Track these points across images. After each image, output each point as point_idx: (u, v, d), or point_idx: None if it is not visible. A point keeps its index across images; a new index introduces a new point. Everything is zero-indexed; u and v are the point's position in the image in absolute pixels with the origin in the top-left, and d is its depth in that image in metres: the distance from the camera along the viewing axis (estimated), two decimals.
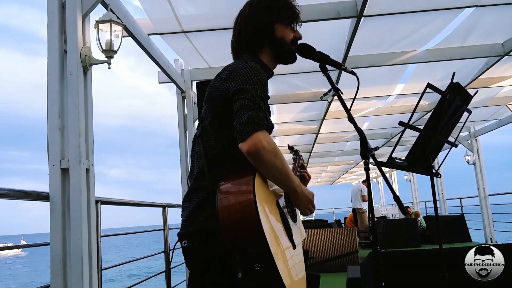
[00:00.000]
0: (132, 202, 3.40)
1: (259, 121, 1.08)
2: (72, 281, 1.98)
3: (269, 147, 1.06)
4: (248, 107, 1.09)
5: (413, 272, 2.47)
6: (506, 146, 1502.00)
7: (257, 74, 1.17)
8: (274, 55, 1.36)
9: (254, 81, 1.15)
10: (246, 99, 1.11)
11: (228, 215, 1.02)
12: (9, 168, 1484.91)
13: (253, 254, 1.00)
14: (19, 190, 1.83)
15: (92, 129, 2.21)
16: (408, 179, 12.97)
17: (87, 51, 2.19)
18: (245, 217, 1.00)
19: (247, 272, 1.00)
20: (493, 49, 4.06)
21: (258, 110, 1.10)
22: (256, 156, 1.07)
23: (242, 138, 1.07)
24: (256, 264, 0.99)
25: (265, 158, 1.07)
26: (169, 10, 3.08)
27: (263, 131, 1.08)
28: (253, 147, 1.05)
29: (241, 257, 1.02)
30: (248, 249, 1.01)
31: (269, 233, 1.01)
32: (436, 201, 2.42)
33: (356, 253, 4.74)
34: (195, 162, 1.25)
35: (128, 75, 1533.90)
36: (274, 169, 1.10)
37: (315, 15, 3.08)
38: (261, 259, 0.99)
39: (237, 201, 1.03)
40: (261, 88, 1.15)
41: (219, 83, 1.21)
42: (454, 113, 2.24)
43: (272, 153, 1.08)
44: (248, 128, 1.07)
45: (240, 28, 1.34)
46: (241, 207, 1.01)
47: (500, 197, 8.87)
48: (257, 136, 1.06)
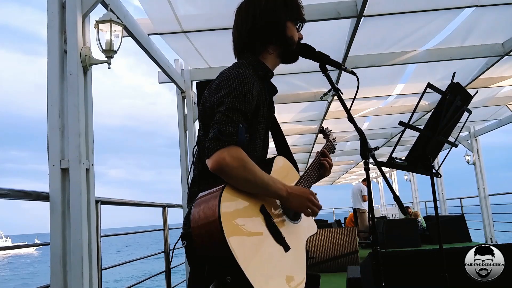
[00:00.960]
0: (132, 202, 3.40)
1: (226, 138, 1.07)
2: (72, 281, 1.98)
3: (234, 163, 1.06)
4: (219, 122, 1.10)
5: (413, 272, 2.47)
6: (506, 146, 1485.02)
7: (241, 84, 1.16)
8: (281, 53, 1.35)
9: (235, 93, 1.14)
10: (220, 113, 1.11)
11: (198, 229, 1.05)
12: (9, 168, 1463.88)
13: (223, 267, 1.02)
14: (19, 190, 1.83)
15: (92, 129, 2.20)
16: (408, 179, 12.97)
17: (87, 51, 2.19)
18: (211, 232, 1.02)
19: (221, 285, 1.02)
20: (493, 49, 4.06)
21: (228, 124, 1.09)
22: (220, 173, 1.07)
23: (207, 155, 1.08)
24: (227, 276, 1.01)
25: (231, 174, 1.07)
26: (169, 10, 3.08)
27: (230, 147, 1.07)
28: (215, 165, 1.06)
29: (212, 270, 1.05)
30: (218, 262, 1.04)
31: (240, 245, 1.02)
32: (436, 201, 2.43)
33: (356, 253, 4.74)
34: (194, 167, 1.29)
35: (128, 75, 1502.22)
36: (245, 182, 1.10)
37: (315, 15, 3.07)
38: (231, 272, 1.00)
39: (204, 216, 1.05)
40: (241, 101, 1.14)
41: (209, 93, 1.23)
42: (454, 113, 2.24)
43: (240, 168, 1.07)
44: (212, 145, 1.07)
45: (253, 21, 1.30)
46: (207, 222, 1.03)
47: (500, 197, 8.88)
48: (220, 153, 1.06)
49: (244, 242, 1.05)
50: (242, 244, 1.04)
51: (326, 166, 1.53)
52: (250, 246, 1.06)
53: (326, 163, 1.53)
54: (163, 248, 3.55)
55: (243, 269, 0.99)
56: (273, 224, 1.17)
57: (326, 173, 1.53)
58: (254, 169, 1.11)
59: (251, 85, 1.19)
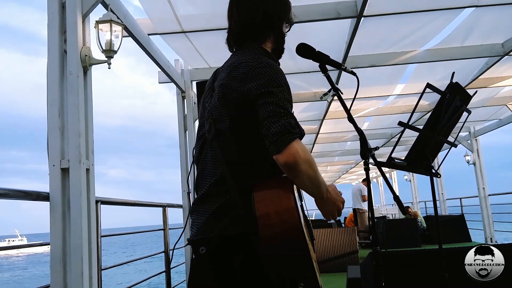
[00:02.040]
0: (132, 202, 3.40)
1: (293, 130, 1.02)
2: (72, 281, 1.98)
3: (305, 158, 1.02)
4: (278, 114, 1.03)
5: (413, 272, 2.47)
6: (506, 146, 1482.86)
7: (280, 73, 1.11)
8: (273, 48, 1.34)
9: (279, 82, 1.08)
10: (274, 104, 1.04)
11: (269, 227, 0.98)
12: (9, 168, 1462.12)
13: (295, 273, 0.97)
14: (19, 190, 1.83)
15: (92, 129, 2.20)
16: (408, 179, 12.97)
17: (87, 51, 2.19)
18: (289, 234, 0.95)
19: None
20: (493, 49, 4.06)
21: (289, 116, 1.04)
22: (294, 168, 1.02)
23: (278, 150, 1.01)
24: (300, 283, 0.97)
25: (301, 169, 1.02)
26: (169, 10, 3.08)
27: (298, 140, 1.03)
28: (291, 158, 1.00)
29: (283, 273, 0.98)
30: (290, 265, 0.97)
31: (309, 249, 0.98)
32: (436, 201, 2.43)
33: (356, 253, 4.74)
34: (210, 166, 1.18)
35: (128, 75, 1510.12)
36: (308, 179, 1.06)
37: (315, 15, 3.07)
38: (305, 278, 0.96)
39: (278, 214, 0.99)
40: (287, 90, 1.09)
41: (234, 82, 1.13)
42: (453, 113, 2.24)
43: (308, 163, 1.03)
44: (283, 139, 1.01)
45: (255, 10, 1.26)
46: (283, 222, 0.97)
47: (500, 197, 8.88)
48: (293, 147, 1.01)
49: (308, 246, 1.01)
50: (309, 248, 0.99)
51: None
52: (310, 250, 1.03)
53: None
54: (163, 248, 3.55)
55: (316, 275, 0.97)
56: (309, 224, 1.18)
57: None
58: (315, 166, 1.08)
59: (284, 75, 1.15)
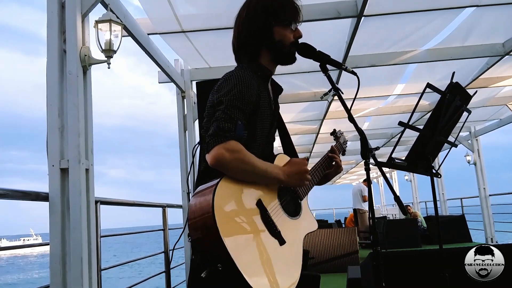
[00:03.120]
0: (132, 202, 3.40)
1: (223, 133, 1.12)
2: (72, 281, 1.98)
3: (231, 157, 1.11)
4: (218, 119, 1.15)
5: (413, 272, 2.46)
6: (506, 146, 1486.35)
7: (239, 83, 1.21)
8: (272, 58, 1.36)
9: (233, 92, 1.19)
10: (220, 111, 1.17)
11: (194, 221, 1.11)
12: (8, 168, 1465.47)
13: (215, 256, 1.08)
14: (18, 190, 1.83)
15: (92, 129, 2.20)
16: (409, 179, 12.97)
17: (87, 51, 2.19)
18: (205, 222, 1.07)
19: (213, 272, 1.08)
20: (494, 49, 4.05)
21: (227, 121, 1.14)
22: (219, 167, 1.12)
23: (207, 150, 1.14)
24: (218, 264, 1.07)
25: (229, 167, 1.12)
26: (169, 10, 3.08)
27: (228, 142, 1.12)
28: (213, 160, 1.12)
29: (205, 259, 1.11)
30: (210, 252, 1.10)
31: (232, 235, 1.07)
32: (437, 201, 2.42)
33: (356, 253, 4.74)
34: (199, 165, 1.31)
35: (128, 75, 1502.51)
36: (244, 173, 1.15)
37: (315, 14, 3.07)
38: (222, 260, 1.05)
39: (199, 208, 1.10)
40: (239, 98, 1.18)
41: (211, 95, 1.28)
42: (453, 113, 2.24)
43: (238, 160, 1.12)
44: (211, 141, 1.13)
45: (238, 31, 1.36)
46: (202, 213, 1.08)
47: (501, 197, 8.87)
48: (218, 148, 1.11)
49: (237, 234, 1.09)
50: (235, 236, 1.08)
51: (338, 163, 1.55)
52: (243, 238, 1.11)
53: (336, 159, 1.55)
54: (163, 248, 3.55)
55: (233, 258, 1.04)
56: (268, 217, 1.19)
57: (337, 170, 1.56)
58: (251, 160, 1.16)
59: (249, 85, 1.23)
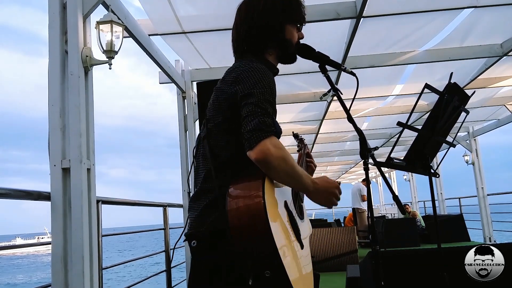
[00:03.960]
0: (133, 201, 3.41)
1: (266, 128, 1.07)
2: (73, 281, 1.99)
3: (277, 154, 1.06)
4: (255, 113, 1.09)
5: (412, 271, 2.48)
6: (504, 146, 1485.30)
7: (265, 77, 1.16)
8: (279, 55, 1.35)
9: (262, 84, 1.14)
10: (253, 105, 1.10)
11: (238, 219, 1.02)
12: (10, 168, 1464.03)
13: (263, 261, 1.00)
14: (20, 190, 1.84)
15: (93, 129, 2.21)
16: (407, 178, 12.99)
17: (88, 51, 2.20)
18: (254, 222, 1.00)
19: (257, 278, 1.00)
20: (492, 50, 4.07)
21: (265, 116, 1.09)
22: (265, 164, 1.07)
23: (250, 146, 1.07)
24: (266, 271, 0.99)
25: (274, 165, 1.07)
26: (170, 10, 3.09)
27: (271, 137, 1.07)
28: (261, 155, 1.05)
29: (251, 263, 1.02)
30: (257, 255, 1.01)
31: (279, 238, 1.01)
32: (435, 201, 2.44)
33: (355, 252, 4.76)
34: (200, 164, 1.23)
35: (128, 76, 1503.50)
36: (284, 174, 1.10)
37: (315, 15, 3.09)
38: (271, 266, 0.99)
39: (246, 206, 1.03)
40: (269, 92, 1.14)
41: (225, 86, 1.20)
42: (452, 113, 2.25)
43: (281, 159, 1.07)
44: (255, 136, 1.06)
45: (250, 25, 1.29)
46: (250, 212, 1.01)
47: (499, 197, 8.89)
48: (264, 144, 1.05)
49: (280, 236, 1.04)
50: (279, 238, 1.03)
51: (313, 167, 1.58)
52: (284, 241, 1.06)
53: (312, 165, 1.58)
54: (164, 248, 3.56)
55: (284, 264, 0.98)
56: (294, 221, 1.19)
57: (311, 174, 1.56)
58: (292, 161, 1.11)
59: (272, 79, 1.20)
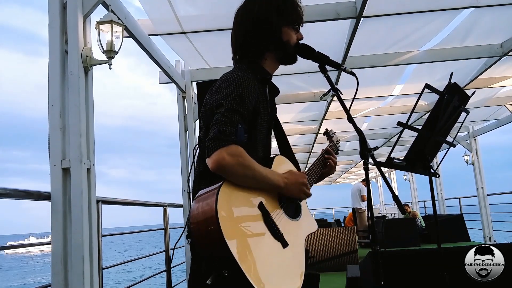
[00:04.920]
0: (133, 201, 3.42)
1: (224, 137, 1.11)
2: (73, 280, 1.99)
3: (232, 161, 1.10)
4: (219, 122, 1.13)
5: (412, 271, 2.48)
6: (504, 146, 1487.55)
7: (239, 87, 1.19)
8: (278, 58, 1.36)
9: (233, 95, 1.18)
10: (219, 114, 1.15)
11: (197, 226, 1.09)
12: (10, 168, 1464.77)
13: (220, 262, 1.06)
14: (20, 189, 1.84)
15: (93, 129, 2.21)
16: (407, 178, 12.99)
17: (88, 51, 2.20)
18: (208, 228, 1.05)
19: (218, 278, 1.06)
20: (492, 50, 4.07)
21: (227, 125, 1.12)
22: (220, 172, 1.11)
23: (208, 154, 1.12)
24: (224, 270, 1.04)
25: (231, 172, 1.11)
26: (170, 10, 3.09)
27: (229, 146, 1.10)
28: (215, 163, 1.10)
29: (210, 264, 1.08)
30: (215, 258, 1.08)
31: (237, 240, 1.06)
32: (435, 201, 2.44)
33: (355, 252, 4.76)
34: (196, 167, 1.30)
35: (128, 76, 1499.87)
36: (244, 178, 1.14)
37: (315, 16, 3.09)
38: (227, 266, 1.04)
39: (202, 212, 1.08)
40: (239, 102, 1.17)
41: (209, 96, 1.27)
42: (452, 113, 2.25)
43: (239, 165, 1.11)
44: (212, 145, 1.11)
45: (246, 29, 1.32)
46: (204, 218, 1.07)
47: (499, 197, 8.90)
48: (219, 152, 1.10)
49: (241, 238, 1.08)
50: (239, 240, 1.06)
51: (331, 164, 1.57)
52: (247, 242, 1.09)
53: (331, 161, 1.57)
54: (164, 247, 3.56)
55: (239, 264, 1.02)
56: (271, 220, 1.19)
57: (330, 171, 1.58)
58: (252, 165, 1.15)
59: (249, 88, 1.22)
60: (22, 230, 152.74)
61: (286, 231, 1.22)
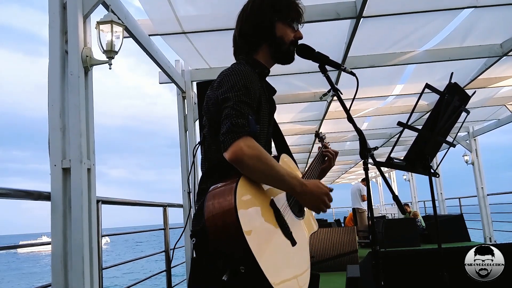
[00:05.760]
0: (133, 201, 3.42)
1: (238, 129, 1.10)
2: (73, 280, 1.99)
3: (250, 153, 1.09)
4: (230, 116, 1.13)
5: (412, 271, 2.49)
6: (504, 146, 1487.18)
7: (242, 79, 1.20)
8: (272, 54, 1.37)
9: (238, 87, 1.17)
10: (229, 108, 1.14)
11: (213, 221, 1.07)
12: (10, 168, 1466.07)
13: (237, 257, 1.04)
14: (20, 189, 1.84)
15: (93, 129, 2.21)
16: (407, 178, 12.99)
17: (88, 51, 2.20)
18: (226, 223, 1.04)
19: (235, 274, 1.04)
20: (492, 50, 4.07)
21: (239, 117, 1.12)
22: (238, 164, 1.10)
23: (224, 148, 1.11)
24: (241, 266, 1.03)
25: (248, 164, 1.10)
26: (170, 11, 3.09)
27: (245, 137, 1.10)
28: (233, 156, 1.09)
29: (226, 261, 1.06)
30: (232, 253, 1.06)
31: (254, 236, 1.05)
32: (435, 201, 2.44)
33: (355, 252, 4.76)
34: (201, 165, 1.30)
35: (128, 76, 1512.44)
36: (260, 173, 1.12)
37: (315, 16, 3.09)
38: (245, 262, 1.02)
39: (219, 207, 1.07)
40: (245, 93, 1.17)
41: (211, 92, 1.26)
42: (452, 113, 2.25)
43: (255, 158, 1.10)
44: (228, 138, 1.10)
45: (241, 24, 1.35)
46: (223, 213, 1.06)
47: (499, 197, 8.90)
48: (237, 144, 1.09)
49: (257, 234, 1.07)
50: (255, 236, 1.06)
51: (330, 156, 1.58)
52: (262, 238, 1.09)
53: (328, 154, 1.58)
54: (164, 248, 3.56)
55: (257, 260, 1.01)
56: (282, 218, 1.19)
57: (330, 164, 1.58)
58: (270, 160, 1.13)
59: (251, 79, 1.22)
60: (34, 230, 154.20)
61: (294, 230, 1.23)
